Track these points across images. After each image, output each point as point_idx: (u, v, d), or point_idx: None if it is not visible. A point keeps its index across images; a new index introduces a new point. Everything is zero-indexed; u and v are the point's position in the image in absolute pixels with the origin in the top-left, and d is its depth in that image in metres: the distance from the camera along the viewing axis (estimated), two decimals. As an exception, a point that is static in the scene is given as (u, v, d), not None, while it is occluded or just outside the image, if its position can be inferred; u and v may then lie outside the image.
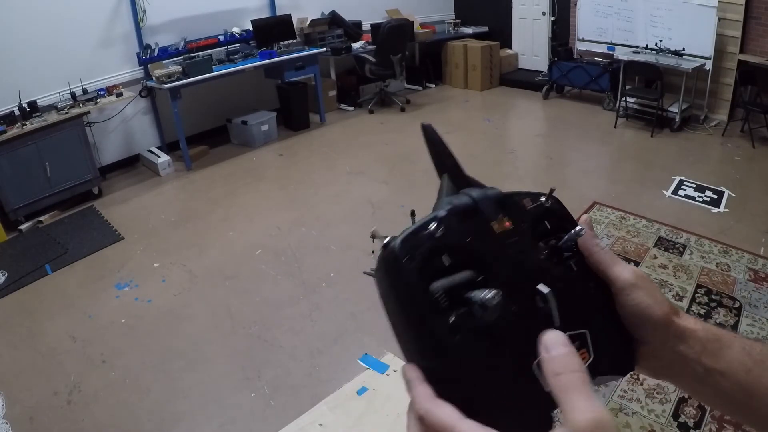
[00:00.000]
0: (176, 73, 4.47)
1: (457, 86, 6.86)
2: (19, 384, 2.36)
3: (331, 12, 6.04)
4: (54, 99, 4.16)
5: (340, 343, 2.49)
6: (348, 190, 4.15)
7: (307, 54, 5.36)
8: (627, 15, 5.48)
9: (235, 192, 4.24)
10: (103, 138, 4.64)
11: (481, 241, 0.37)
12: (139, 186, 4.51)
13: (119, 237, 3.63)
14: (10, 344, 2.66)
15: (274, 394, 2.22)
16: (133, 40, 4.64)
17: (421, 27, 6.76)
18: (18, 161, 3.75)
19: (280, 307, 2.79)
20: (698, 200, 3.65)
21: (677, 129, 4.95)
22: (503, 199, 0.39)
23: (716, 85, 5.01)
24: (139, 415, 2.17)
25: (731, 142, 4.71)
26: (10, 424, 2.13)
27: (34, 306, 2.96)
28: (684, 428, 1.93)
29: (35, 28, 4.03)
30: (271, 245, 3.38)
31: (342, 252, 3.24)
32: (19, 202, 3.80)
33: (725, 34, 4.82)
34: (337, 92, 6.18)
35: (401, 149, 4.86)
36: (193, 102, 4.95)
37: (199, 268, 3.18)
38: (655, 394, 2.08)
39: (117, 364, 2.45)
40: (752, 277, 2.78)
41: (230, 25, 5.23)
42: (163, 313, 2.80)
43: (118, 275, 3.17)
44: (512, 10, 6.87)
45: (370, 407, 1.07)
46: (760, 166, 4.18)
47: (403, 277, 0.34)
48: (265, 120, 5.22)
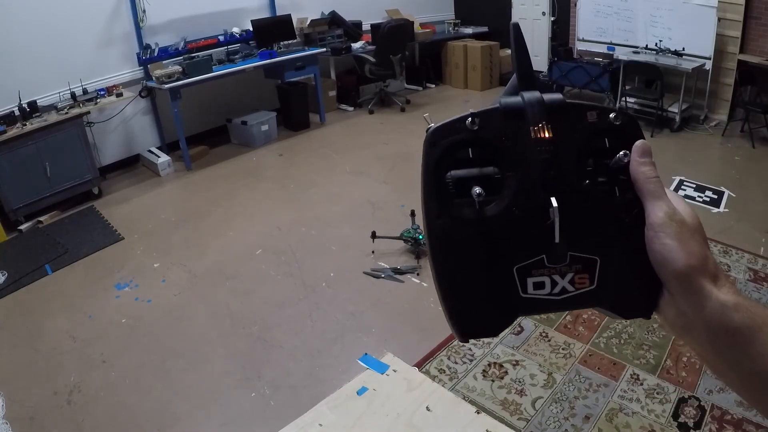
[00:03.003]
0: (176, 73, 4.47)
1: (457, 86, 6.86)
2: (19, 384, 2.36)
3: (331, 12, 6.04)
4: (54, 99, 4.16)
5: (340, 343, 2.49)
6: (348, 190, 4.15)
7: (307, 54, 5.36)
8: (627, 15, 5.47)
9: (235, 192, 4.24)
10: (103, 138, 4.64)
11: (514, 143, 0.37)
12: (139, 186, 4.51)
13: (119, 237, 3.63)
14: (10, 344, 2.66)
15: (274, 394, 2.22)
16: (133, 40, 4.64)
17: (421, 27, 6.75)
18: (18, 161, 3.75)
19: (280, 307, 2.79)
20: (698, 200, 3.65)
21: (677, 129, 4.95)
22: (559, 106, 0.38)
23: (716, 85, 5.01)
24: (139, 415, 2.17)
25: (731, 142, 4.71)
26: (10, 424, 2.13)
27: (34, 306, 2.96)
28: (684, 428, 1.93)
29: (35, 28, 4.03)
30: (271, 245, 3.38)
31: (342, 252, 3.24)
32: (19, 202, 3.80)
33: (725, 34, 4.81)
34: (337, 92, 6.17)
35: (401, 149, 4.86)
36: (193, 102, 4.94)
37: (199, 268, 3.18)
38: (655, 394, 2.08)
39: (117, 364, 2.45)
40: (752, 277, 2.78)
41: (230, 25, 5.23)
42: (163, 313, 2.80)
43: (118, 275, 3.17)
44: (512, 10, 6.86)
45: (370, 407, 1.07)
46: (760, 166, 4.18)
47: (427, 160, 0.38)
48: (265, 120, 5.22)
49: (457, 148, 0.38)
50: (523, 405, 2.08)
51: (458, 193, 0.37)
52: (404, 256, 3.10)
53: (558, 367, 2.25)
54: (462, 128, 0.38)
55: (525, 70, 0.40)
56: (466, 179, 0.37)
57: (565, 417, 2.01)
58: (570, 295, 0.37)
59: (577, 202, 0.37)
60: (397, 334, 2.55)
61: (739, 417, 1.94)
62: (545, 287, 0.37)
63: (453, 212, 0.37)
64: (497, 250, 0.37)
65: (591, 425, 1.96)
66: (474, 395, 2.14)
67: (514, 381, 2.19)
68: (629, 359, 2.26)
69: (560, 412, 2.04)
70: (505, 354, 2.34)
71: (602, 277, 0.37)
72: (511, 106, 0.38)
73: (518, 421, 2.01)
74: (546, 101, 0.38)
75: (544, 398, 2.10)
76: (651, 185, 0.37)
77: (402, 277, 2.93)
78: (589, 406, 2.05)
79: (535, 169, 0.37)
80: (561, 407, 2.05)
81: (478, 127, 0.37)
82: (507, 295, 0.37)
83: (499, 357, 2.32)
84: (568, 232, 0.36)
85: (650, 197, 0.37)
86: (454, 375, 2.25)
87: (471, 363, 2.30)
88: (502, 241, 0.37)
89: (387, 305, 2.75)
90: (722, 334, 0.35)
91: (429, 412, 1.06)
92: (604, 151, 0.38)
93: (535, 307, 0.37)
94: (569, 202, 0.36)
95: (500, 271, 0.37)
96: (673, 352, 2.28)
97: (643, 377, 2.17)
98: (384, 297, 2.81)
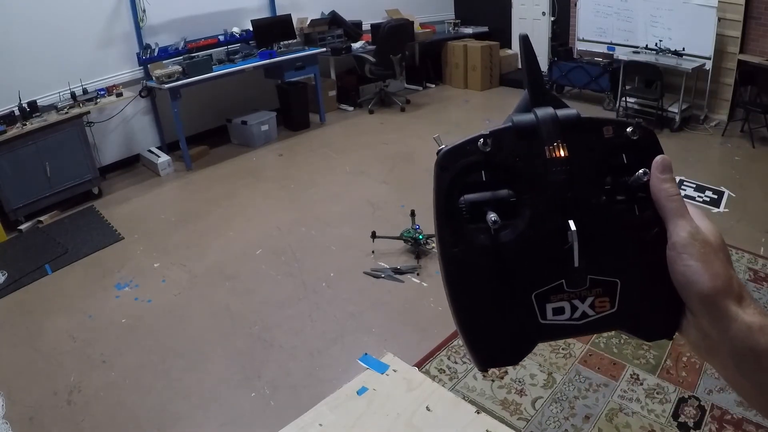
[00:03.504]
0: (176, 73, 4.47)
1: (457, 86, 6.85)
2: (19, 384, 2.36)
3: (331, 12, 6.04)
4: (54, 99, 4.16)
5: (340, 343, 2.49)
6: (348, 190, 4.15)
7: (307, 54, 5.36)
8: (627, 15, 5.47)
9: (235, 192, 4.24)
10: (103, 138, 4.64)
11: (528, 164, 0.36)
12: (139, 186, 4.51)
13: (119, 237, 3.63)
14: (10, 344, 2.66)
15: (274, 394, 2.22)
16: (133, 40, 4.64)
17: (421, 27, 6.75)
18: (18, 161, 3.75)
19: (280, 307, 2.79)
20: (698, 200, 3.65)
21: (677, 129, 4.95)
22: (574, 123, 0.36)
23: (716, 85, 5.01)
24: (139, 415, 2.17)
25: (731, 142, 4.71)
26: (10, 424, 2.13)
27: (34, 306, 2.96)
28: (684, 428, 1.93)
29: (35, 28, 4.03)
30: (271, 245, 3.38)
31: (342, 252, 3.24)
32: (19, 202, 3.80)
33: (725, 34, 4.81)
34: (337, 92, 6.17)
35: (401, 149, 4.87)
36: (193, 102, 4.94)
37: (199, 268, 3.18)
38: (655, 394, 2.08)
39: (117, 364, 2.45)
40: (752, 277, 2.78)
41: (230, 25, 5.23)
42: (163, 313, 2.80)
43: (118, 275, 3.17)
44: (512, 10, 6.86)
45: (370, 407, 1.07)
46: (760, 166, 4.18)
47: (438, 184, 0.37)
48: (265, 120, 5.22)
49: (469, 171, 0.36)
50: (523, 405, 2.08)
51: (472, 218, 0.36)
52: (404, 256, 3.10)
53: (558, 367, 2.25)
54: (473, 150, 0.36)
55: (536, 84, 0.39)
56: (480, 203, 0.36)
57: (565, 417, 2.01)
58: (590, 319, 0.36)
59: (595, 223, 0.35)
60: (397, 334, 2.55)
61: (739, 417, 1.94)
62: (565, 313, 0.36)
63: (468, 239, 0.36)
64: (514, 276, 0.36)
65: (591, 425, 1.96)
66: (474, 395, 2.14)
67: (514, 381, 2.19)
68: (629, 359, 2.26)
69: (560, 412, 2.04)
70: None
71: (623, 299, 0.36)
72: (524, 124, 0.37)
73: (518, 421, 2.01)
74: (560, 117, 0.36)
75: (544, 398, 2.10)
76: (673, 203, 0.36)
77: (402, 277, 2.93)
78: (589, 406, 2.05)
79: (551, 191, 0.36)
80: (561, 407, 2.05)
81: (491, 148, 0.36)
82: (526, 322, 0.36)
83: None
84: (586, 254, 0.35)
85: (672, 216, 0.35)
86: (454, 375, 2.25)
87: (471, 363, 2.30)
88: (519, 266, 0.36)
89: (387, 305, 2.75)
90: (748, 357, 0.33)
91: (429, 412, 1.06)
92: (621, 168, 0.37)
93: (555, 333, 0.36)
94: (587, 223, 0.35)
95: (518, 298, 0.36)
96: (673, 352, 2.28)
97: (643, 377, 2.17)
98: (384, 297, 2.81)
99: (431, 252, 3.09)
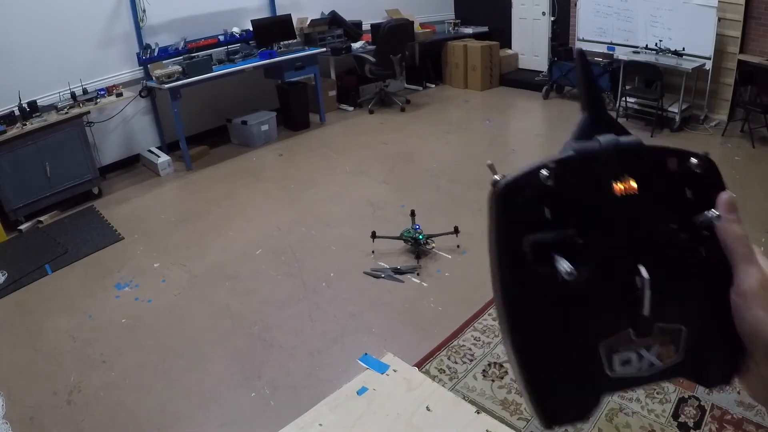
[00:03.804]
0: (176, 73, 4.47)
1: (457, 86, 6.85)
2: (19, 384, 2.36)
3: (331, 12, 6.04)
4: (54, 99, 4.16)
5: (340, 343, 2.49)
6: (348, 190, 4.15)
7: (307, 54, 5.36)
8: (627, 15, 5.47)
9: (235, 192, 4.24)
10: (103, 138, 4.64)
11: (594, 200, 0.32)
12: (139, 186, 4.51)
13: (119, 237, 3.63)
14: (10, 344, 2.66)
15: (274, 394, 2.22)
16: (133, 40, 4.64)
17: (421, 27, 6.75)
18: (18, 161, 3.75)
19: (280, 307, 2.79)
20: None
21: (677, 129, 4.95)
22: (640, 153, 0.33)
23: (716, 85, 5.01)
24: (139, 415, 2.17)
25: (731, 142, 4.71)
26: (10, 424, 2.13)
27: (34, 306, 2.96)
28: (684, 428, 1.93)
29: (35, 28, 4.03)
30: (271, 245, 3.38)
31: (342, 252, 3.24)
32: (19, 202, 3.80)
33: (725, 34, 4.81)
34: (337, 92, 6.17)
35: (401, 149, 4.87)
36: (193, 102, 4.94)
37: (199, 268, 3.18)
38: (655, 394, 2.08)
39: (117, 364, 2.45)
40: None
41: (230, 25, 5.23)
42: (163, 313, 2.80)
43: (118, 275, 3.17)
44: (512, 10, 6.86)
45: (370, 407, 1.07)
46: (760, 166, 4.18)
47: (498, 221, 0.33)
48: (265, 120, 5.22)
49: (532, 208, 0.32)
50: (523, 405, 2.08)
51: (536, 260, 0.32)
52: (404, 256, 3.10)
53: (558, 367, 2.25)
54: (536, 183, 0.32)
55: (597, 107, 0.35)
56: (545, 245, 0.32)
57: (565, 417, 2.01)
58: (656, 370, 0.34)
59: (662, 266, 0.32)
60: (397, 334, 2.55)
61: (739, 417, 1.94)
62: (632, 363, 0.34)
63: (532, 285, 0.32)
64: (580, 324, 0.33)
65: (591, 425, 1.96)
66: (474, 395, 2.14)
67: (514, 381, 2.19)
68: (629, 359, 2.26)
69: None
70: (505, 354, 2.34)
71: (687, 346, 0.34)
72: (587, 153, 0.33)
73: (518, 421, 2.01)
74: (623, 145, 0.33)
75: (544, 398, 2.10)
76: (742, 248, 0.33)
77: (402, 277, 2.93)
78: (589, 406, 2.04)
79: (619, 231, 0.32)
80: (561, 407, 2.05)
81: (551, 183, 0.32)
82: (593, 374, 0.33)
83: (499, 357, 2.32)
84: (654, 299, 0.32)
85: (741, 261, 0.33)
86: (454, 375, 2.25)
87: (471, 363, 2.30)
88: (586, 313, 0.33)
89: (387, 305, 2.75)
90: None
91: (429, 412, 1.06)
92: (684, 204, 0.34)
93: (622, 385, 0.34)
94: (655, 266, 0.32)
95: (585, 348, 0.33)
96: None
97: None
98: (384, 297, 2.81)
99: (431, 252, 3.09)
